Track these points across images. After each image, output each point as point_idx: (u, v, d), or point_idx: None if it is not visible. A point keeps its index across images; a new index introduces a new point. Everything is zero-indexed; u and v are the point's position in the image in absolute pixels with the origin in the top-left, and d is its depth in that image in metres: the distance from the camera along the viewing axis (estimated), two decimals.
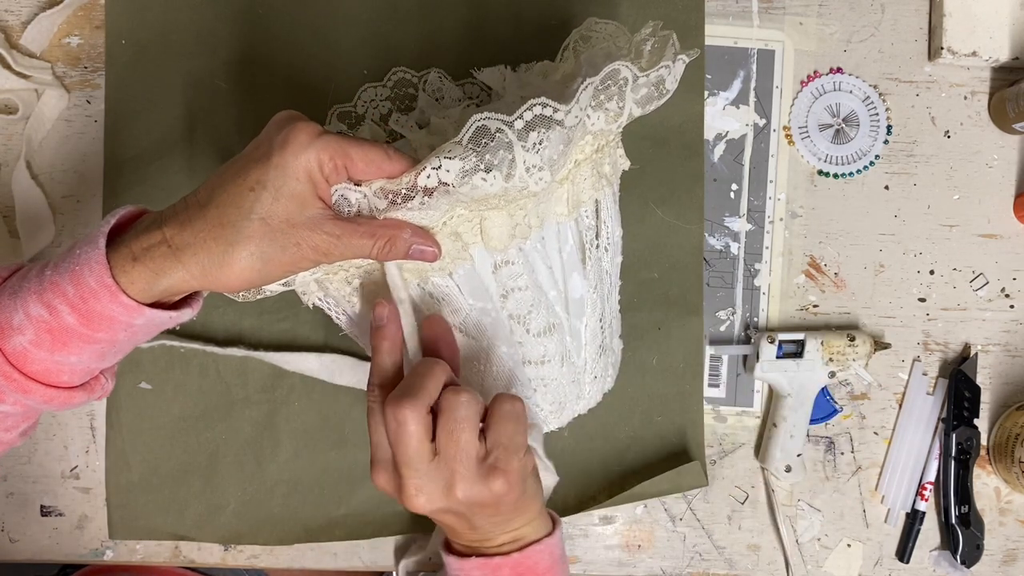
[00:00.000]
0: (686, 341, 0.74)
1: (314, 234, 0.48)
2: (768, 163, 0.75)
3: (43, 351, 0.48)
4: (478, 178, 0.48)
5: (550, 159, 0.50)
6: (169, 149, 0.72)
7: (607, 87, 0.51)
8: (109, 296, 0.47)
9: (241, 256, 0.47)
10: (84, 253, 0.47)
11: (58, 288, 0.47)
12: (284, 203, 0.47)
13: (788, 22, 0.76)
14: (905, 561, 0.74)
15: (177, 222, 0.48)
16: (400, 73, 0.72)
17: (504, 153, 0.48)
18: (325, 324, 0.72)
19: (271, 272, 0.49)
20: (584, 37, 0.62)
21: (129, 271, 0.47)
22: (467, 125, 0.48)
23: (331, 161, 0.48)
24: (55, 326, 0.47)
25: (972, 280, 0.76)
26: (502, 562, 0.55)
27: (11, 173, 0.72)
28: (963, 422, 0.74)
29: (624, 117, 0.53)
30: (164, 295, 0.49)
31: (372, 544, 0.74)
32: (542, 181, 0.50)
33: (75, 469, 0.73)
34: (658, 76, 0.53)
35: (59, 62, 0.73)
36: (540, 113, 0.48)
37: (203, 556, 0.73)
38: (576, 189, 0.56)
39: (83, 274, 0.47)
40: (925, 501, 0.74)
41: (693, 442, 0.74)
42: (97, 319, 0.47)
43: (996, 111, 0.75)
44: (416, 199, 0.49)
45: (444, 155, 0.48)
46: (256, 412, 0.72)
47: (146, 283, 0.47)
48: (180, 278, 0.47)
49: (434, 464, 0.50)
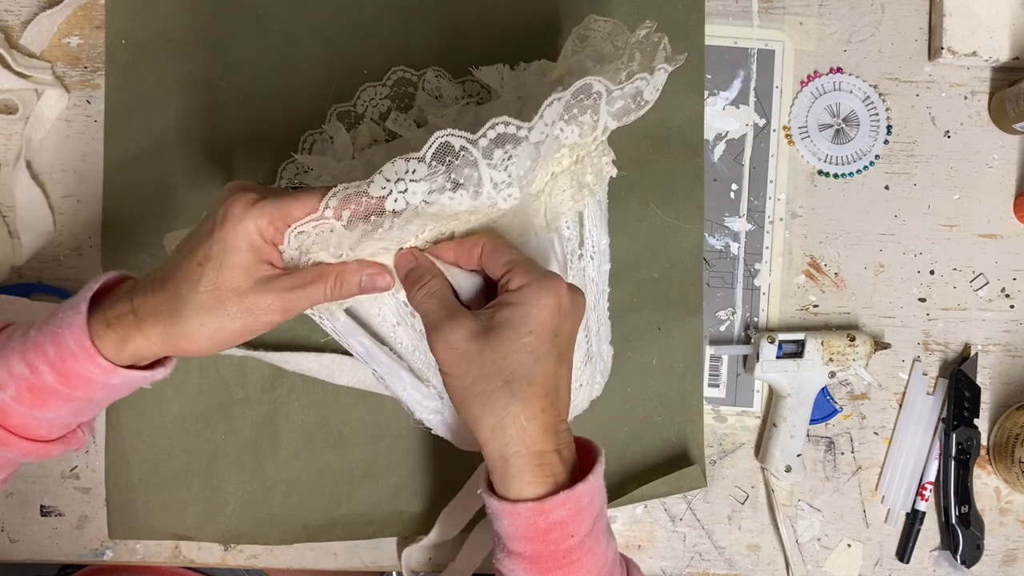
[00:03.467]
0: (686, 341, 0.74)
1: (264, 296, 0.50)
2: (768, 163, 0.75)
3: (23, 407, 0.51)
4: (446, 197, 0.48)
5: (518, 176, 0.49)
6: (169, 149, 0.72)
7: (580, 100, 0.50)
8: (87, 358, 0.50)
9: (193, 327, 0.50)
10: (66, 317, 0.50)
11: (40, 349, 0.50)
12: (228, 273, 0.49)
13: (788, 22, 0.76)
14: (905, 561, 0.74)
15: (143, 294, 0.51)
16: (400, 72, 0.72)
17: (470, 171, 0.48)
18: None
19: (227, 339, 0.51)
20: (581, 36, 0.62)
21: (103, 335, 0.50)
22: (430, 140, 0.47)
23: (270, 226, 0.50)
24: (35, 384, 0.50)
25: (972, 280, 0.76)
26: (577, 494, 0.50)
27: (11, 173, 0.72)
28: (963, 422, 0.74)
29: (599, 130, 0.52)
30: (135, 359, 0.52)
31: (372, 544, 0.74)
32: (511, 198, 0.49)
33: (75, 469, 0.73)
34: (635, 88, 0.52)
35: (59, 62, 0.73)
36: (503, 132, 0.48)
37: (203, 556, 0.73)
38: (554, 201, 0.56)
39: (64, 336, 0.50)
40: (925, 501, 0.74)
41: (693, 442, 0.74)
42: (75, 379, 0.50)
43: (996, 111, 0.75)
44: (386, 221, 0.49)
45: (409, 177, 0.47)
46: (256, 412, 0.72)
47: (115, 348, 0.50)
48: (144, 345, 0.51)
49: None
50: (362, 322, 0.59)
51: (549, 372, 0.50)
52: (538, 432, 0.49)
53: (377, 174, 0.48)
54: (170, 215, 0.72)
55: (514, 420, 0.49)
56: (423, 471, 0.73)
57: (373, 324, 0.58)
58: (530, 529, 0.49)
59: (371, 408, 0.72)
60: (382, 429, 0.72)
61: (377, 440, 0.72)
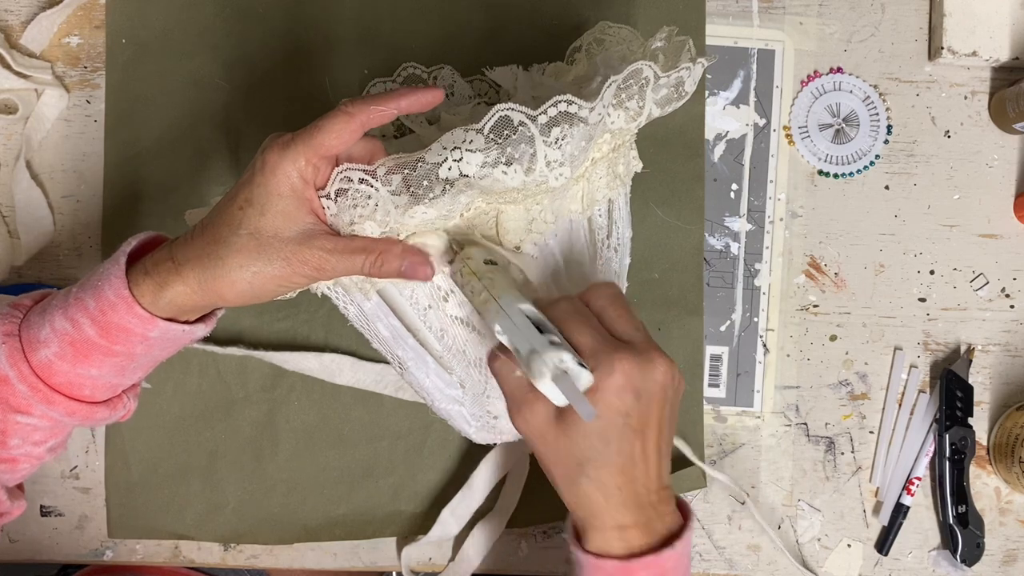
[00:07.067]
0: (686, 341, 0.74)
1: (304, 248, 0.50)
2: (768, 163, 0.75)
3: (66, 363, 0.51)
4: (499, 171, 0.49)
5: (571, 155, 0.50)
6: (169, 149, 0.72)
7: (628, 86, 0.51)
8: (125, 307, 0.50)
9: (231, 269, 0.50)
10: (106, 270, 0.51)
11: (81, 303, 0.50)
12: (271, 218, 0.50)
13: (788, 22, 0.76)
14: (884, 553, 0.74)
15: (182, 241, 0.51)
16: (411, 69, 0.72)
17: (525, 147, 0.48)
18: (325, 323, 0.72)
19: (263, 286, 0.51)
20: (598, 40, 0.63)
21: (140, 283, 0.50)
22: (490, 113, 0.48)
23: (308, 165, 0.50)
24: (77, 338, 0.50)
25: (972, 280, 0.76)
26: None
27: (11, 173, 0.72)
28: (956, 422, 0.73)
29: (644, 117, 0.53)
30: (174, 310, 0.51)
31: (372, 544, 0.74)
32: (562, 177, 0.50)
33: (75, 469, 0.73)
34: (678, 77, 0.53)
35: (59, 62, 0.73)
36: (565, 110, 0.49)
37: (203, 556, 0.73)
38: (591, 187, 0.57)
39: (103, 288, 0.50)
40: (911, 496, 0.74)
41: (693, 442, 0.74)
42: (115, 331, 0.50)
43: (996, 111, 0.75)
44: (436, 187, 0.49)
45: (466, 147, 0.48)
46: (256, 411, 0.72)
47: (152, 295, 0.50)
48: (181, 291, 0.50)
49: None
50: (392, 304, 0.58)
51: (624, 451, 0.49)
52: (617, 508, 0.50)
53: (435, 143, 0.48)
54: (170, 215, 0.72)
55: (591, 499, 0.50)
56: (423, 471, 0.73)
57: (403, 307, 0.58)
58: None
59: (371, 408, 0.72)
60: (382, 429, 0.73)
61: (377, 440, 0.73)
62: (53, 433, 0.55)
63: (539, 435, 0.50)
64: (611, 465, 0.49)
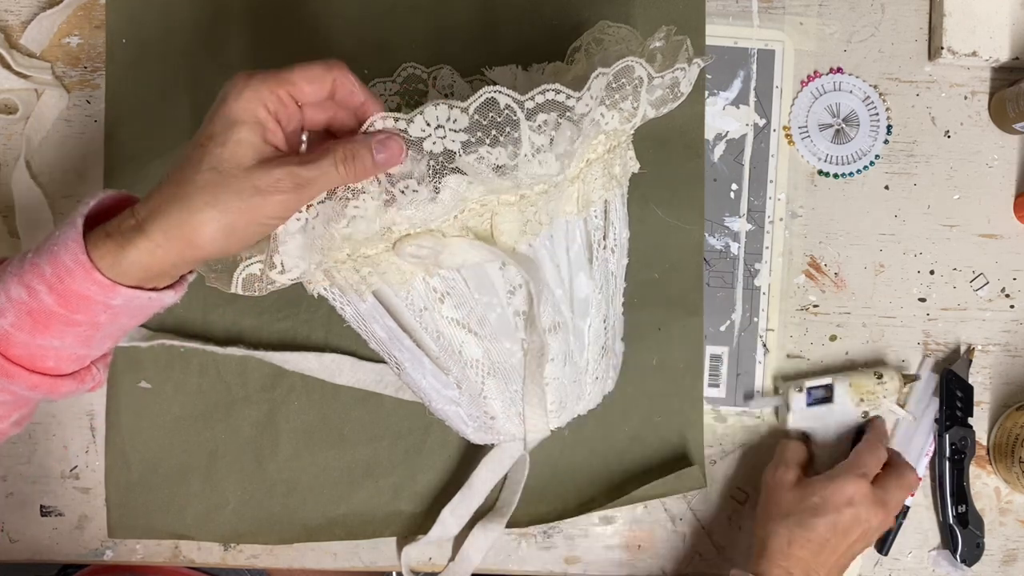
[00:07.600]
0: (686, 341, 0.74)
1: (272, 170, 0.47)
2: (768, 163, 0.75)
3: (24, 334, 0.47)
4: (484, 150, 0.49)
5: (565, 151, 0.50)
6: (169, 149, 0.72)
7: (621, 86, 0.51)
8: (83, 273, 0.46)
9: (197, 209, 0.46)
10: (63, 234, 0.47)
11: (37, 269, 0.47)
12: (232, 148, 0.46)
13: (788, 22, 0.76)
14: (884, 553, 0.74)
15: (145, 200, 0.47)
16: (410, 69, 0.72)
17: (511, 131, 0.49)
18: (325, 323, 0.72)
19: (237, 227, 0.47)
20: (597, 40, 0.63)
21: (100, 246, 0.46)
22: (477, 94, 0.48)
23: (271, 94, 0.47)
24: (34, 307, 0.47)
25: (972, 280, 0.76)
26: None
27: (11, 173, 0.72)
28: (956, 422, 0.73)
29: (638, 118, 0.53)
30: (141, 273, 0.47)
31: (372, 544, 0.74)
32: (546, 163, 0.50)
33: (75, 469, 0.73)
34: (673, 78, 0.53)
35: (59, 62, 0.73)
36: (552, 98, 0.49)
37: (203, 556, 0.73)
38: (586, 188, 0.56)
39: (59, 253, 0.46)
40: (911, 496, 0.74)
41: (693, 442, 0.74)
42: (74, 299, 0.47)
43: (996, 111, 0.75)
44: (424, 161, 0.49)
45: (450, 126, 0.48)
46: (256, 411, 0.72)
47: (113, 258, 0.46)
48: (146, 249, 0.46)
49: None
50: (387, 305, 0.58)
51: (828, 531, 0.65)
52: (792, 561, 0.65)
53: (418, 114, 0.48)
54: None
55: (782, 552, 0.65)
56: (423, 471, 0.73)
57: (398, 308, 0.58)
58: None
59: (371, 408, 0.72)
60: (382, 429, 0.73)
61: (377, 440, 0.73)
62: (16, 407, 0.52)
63: (779, 490, 0.69)
64: (811, 543, 0.65)
